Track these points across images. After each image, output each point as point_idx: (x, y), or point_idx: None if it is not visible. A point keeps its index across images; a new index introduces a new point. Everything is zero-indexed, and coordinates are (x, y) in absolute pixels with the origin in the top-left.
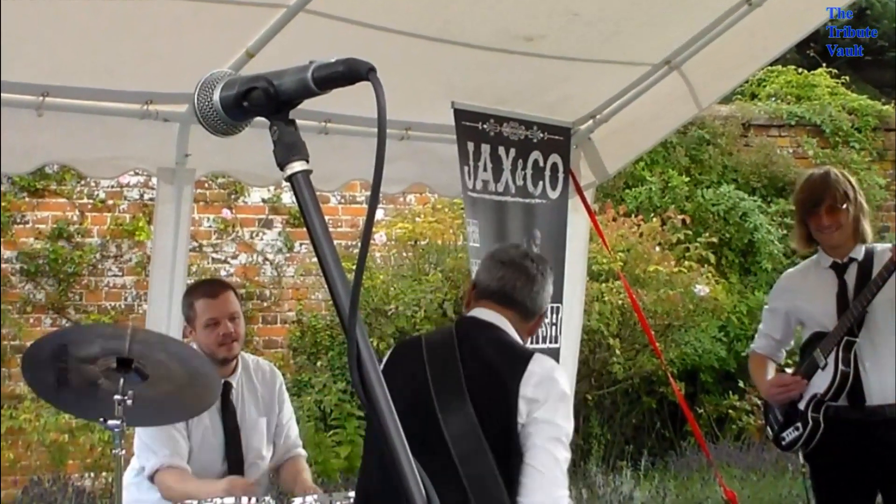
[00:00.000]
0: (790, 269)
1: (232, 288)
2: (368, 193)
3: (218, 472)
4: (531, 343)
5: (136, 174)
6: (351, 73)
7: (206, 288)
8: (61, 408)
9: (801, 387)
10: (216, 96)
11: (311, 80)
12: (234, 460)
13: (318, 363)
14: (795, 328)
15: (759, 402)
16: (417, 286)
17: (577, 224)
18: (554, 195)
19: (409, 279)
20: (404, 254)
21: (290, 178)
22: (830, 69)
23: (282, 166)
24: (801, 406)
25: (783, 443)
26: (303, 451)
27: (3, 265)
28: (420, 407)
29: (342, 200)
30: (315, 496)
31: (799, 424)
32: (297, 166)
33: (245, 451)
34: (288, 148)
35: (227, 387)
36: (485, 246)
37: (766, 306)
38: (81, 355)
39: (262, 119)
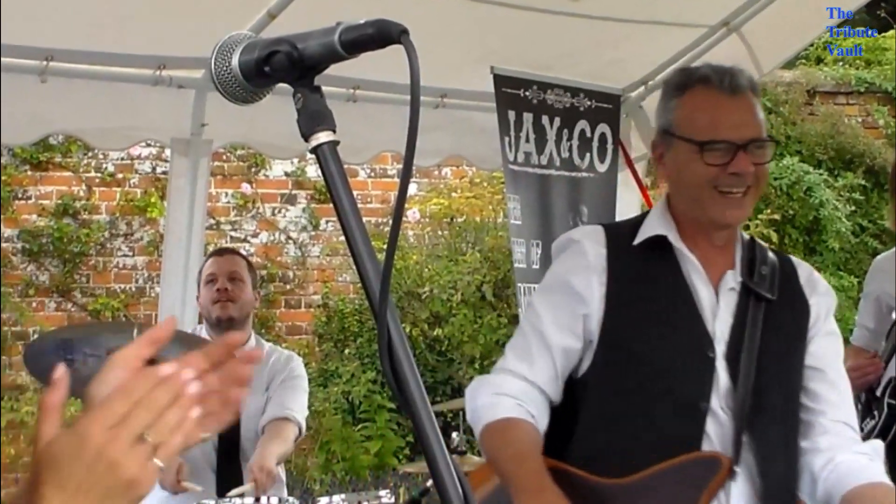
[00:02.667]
0: (884, 252)
1: (245, 258)
2: (400, 166)
3: (207, 460)
4: None
5: (148, 145)
6: (381, 35)
7: (215, 250)
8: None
9: (877, 369)
10: (235, 61)
11: (339, 44)
12: (226, 449)
13: (346, 351)
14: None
15: None
16: (454, 267)
17: (628, 200)
18: (602, 168)
19: (444, 259)
20: (439, 232)
21: (315, 150)
22: None
23: (306, 137)
24: (878, 392)
25: (861, 433)
26: (290, 416)
27: (4, 244)
28: None
29: (372, 174)
30: (343, 496)
31: (875, 412)
32: (322, 137)
33: (243, 439)
34: (313, 117)
35: None
36: (526, 224)
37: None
38: (88, 350)
39: (286, 86)
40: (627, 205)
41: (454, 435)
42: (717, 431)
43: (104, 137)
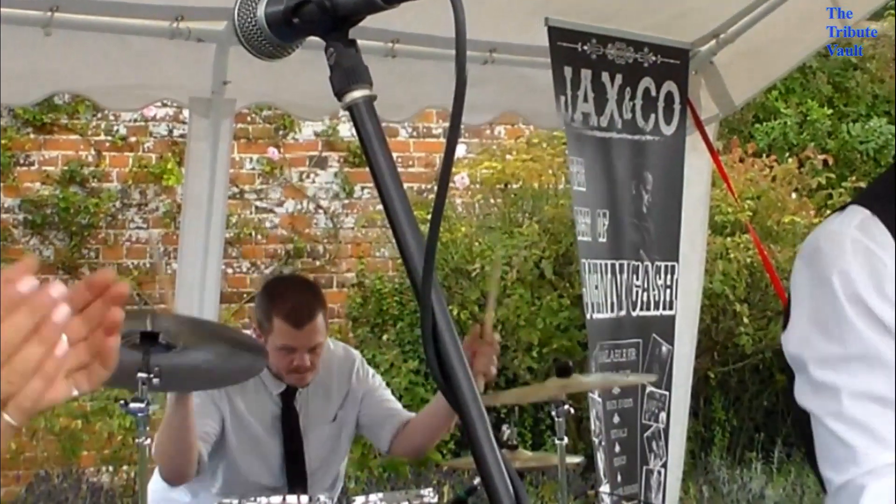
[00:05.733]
0: None
1: (323, 305)
2: (446, 125)
3: (273, 484)
4: (629, 308)
5: (164, 105)
6: None
7: (292, 307)
8: None
9: None
10: (261, 11)
11: None
12: (295, 473)
13: (385, 336)
14: None
15: None
16: (508, 240)
17: (697, 166)
18: (669, 131)
19: (497, 231)
20: (492, 200)
21: (349, 108)
22: None
23: (339, 95)
24: None
25: None
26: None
27: (4, 215)
28: None
29: (414, 133)
30: (380, 495)
31: None
32: (358, 94)
33: (308, 461)
34: (347, 73)
35: (290, 391)
36: (592, 190)
37: None
38: None
39: (317, 39)
40: (697, 172)
41: (504, 428)
42: None
43: (115, 97)
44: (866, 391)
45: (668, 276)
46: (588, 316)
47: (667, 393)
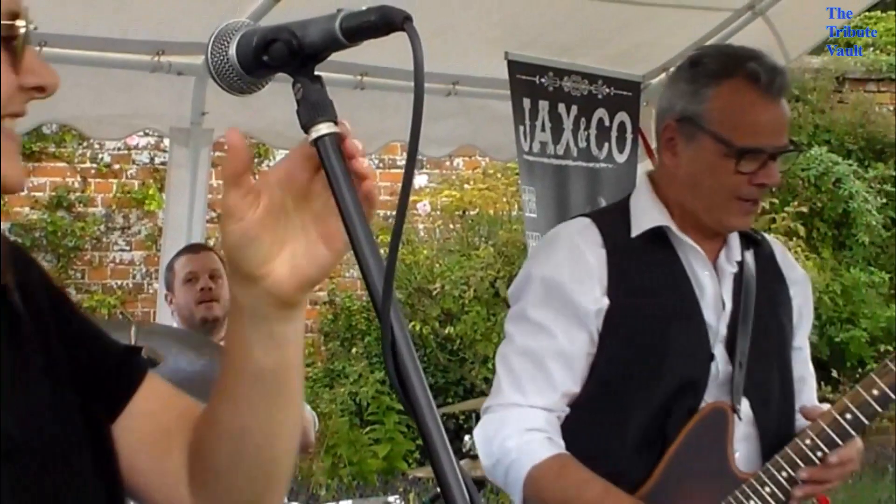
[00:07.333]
0: None
1: (216, 252)
2: None
3: None
4: None
5: (146, 135)
6: (384, 22)
7: (187, 247)
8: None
9: None
10: (232, 51)
11: (340, 31)
12: None
13: (354, 350)
14: None
15: None
16: (466, 262)
17: None
18: (621, 158)
19: (456, 254)
20: (451, 225)
21: (315, 142)
22: None
23: (306, 129)
24: None
25: None
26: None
27: None
28: None
29: (380, 165)
30: (349, 502)
31: None
32: (323, 128)
33: None
34: (313, 108)
35: None
36: (542, 217)
37: None
38: None
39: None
40: None
41: (466, 438)
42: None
43: (100, 126)
44: (526, 348)
45: None
46: None
47: None
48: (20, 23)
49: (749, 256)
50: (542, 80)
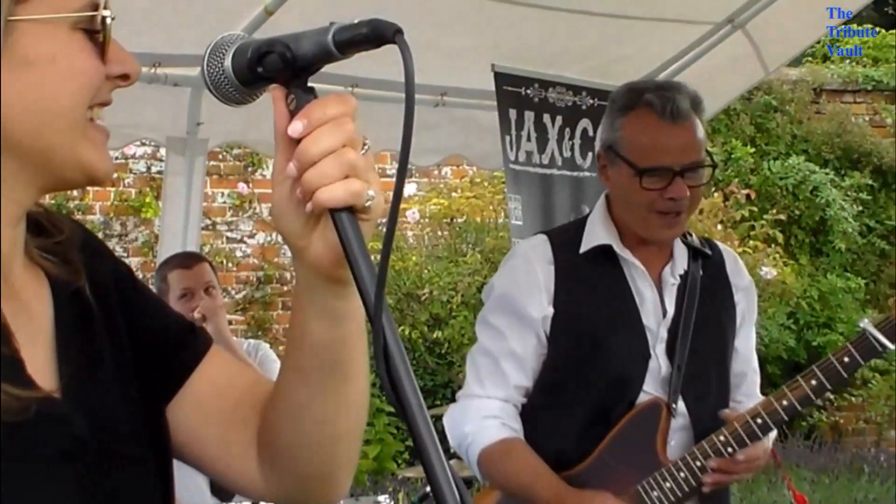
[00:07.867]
0: None
1: (207, 260)
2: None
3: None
4: None
5: (143, 144)
6: (376, 35)
7: (180, 259)
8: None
9: None
10: (227, 62)
11: (332, 44)
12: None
13: None
14: None
15: (832, 398)
16: (454, 268)
17: None
18: None
19: (444, 260)
20: (439, 232)
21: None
22: None
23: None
24: None
25: None
26: None
27: None
28: None
29: None
30: (340, 502)
31: None
32: None
33: None
34: None
35: None
36: (528, 224)
37: None
38: None
39: None
40: None
41: None
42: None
43: None
44: (487, 349)
45: None
46: None
47: None
48: (105, 12)
49: (696, 268)
50: (528, 91)
